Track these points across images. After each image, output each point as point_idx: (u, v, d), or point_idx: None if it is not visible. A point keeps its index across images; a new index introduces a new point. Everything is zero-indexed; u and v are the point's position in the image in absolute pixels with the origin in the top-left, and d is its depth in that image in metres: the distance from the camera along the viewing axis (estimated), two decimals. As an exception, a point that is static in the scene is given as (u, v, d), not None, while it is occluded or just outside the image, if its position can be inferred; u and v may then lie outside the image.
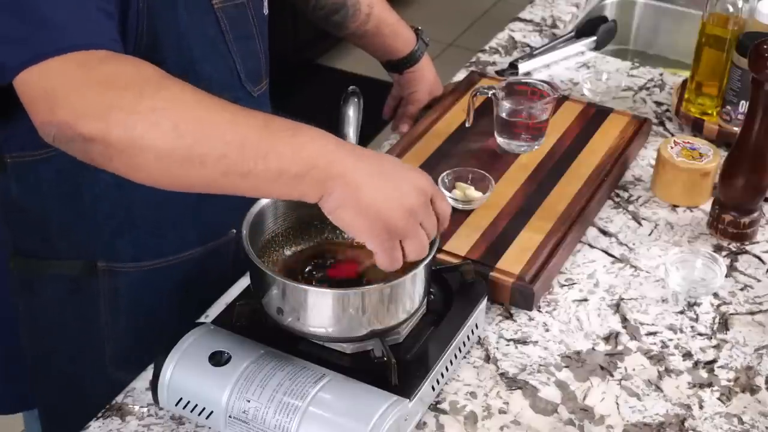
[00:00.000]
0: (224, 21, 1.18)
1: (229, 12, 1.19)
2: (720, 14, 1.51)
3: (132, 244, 1.22)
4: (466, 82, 1.66)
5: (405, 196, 0.95)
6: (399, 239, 0.95)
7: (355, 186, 0.93)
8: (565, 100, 1.61)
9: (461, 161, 1.43)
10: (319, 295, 1.03)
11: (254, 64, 1.26)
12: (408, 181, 0.96)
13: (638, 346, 1.19)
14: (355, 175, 0.93)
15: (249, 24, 1.23)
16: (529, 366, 1.16)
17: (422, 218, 0.96)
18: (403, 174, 0.97)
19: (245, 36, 1.23)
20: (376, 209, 0.93)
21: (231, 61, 1.21)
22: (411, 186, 0.96)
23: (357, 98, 1.26)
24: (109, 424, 1.08)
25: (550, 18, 1.96)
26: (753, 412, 1.11)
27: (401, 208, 0.94)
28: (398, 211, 0.94)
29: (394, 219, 0.94)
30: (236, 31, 1.21)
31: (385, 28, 1.56)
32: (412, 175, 0.98)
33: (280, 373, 1.01)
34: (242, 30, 1.22)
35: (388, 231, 0.94)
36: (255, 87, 1.26)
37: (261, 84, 1.28)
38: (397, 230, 0.95)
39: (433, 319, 1.13)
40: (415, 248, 0.97)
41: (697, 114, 1.58)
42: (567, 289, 1.28)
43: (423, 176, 0.99)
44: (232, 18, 1.20)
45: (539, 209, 1.35)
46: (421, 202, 0.96)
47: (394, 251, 0.96)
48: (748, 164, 1.33)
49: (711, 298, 1.27)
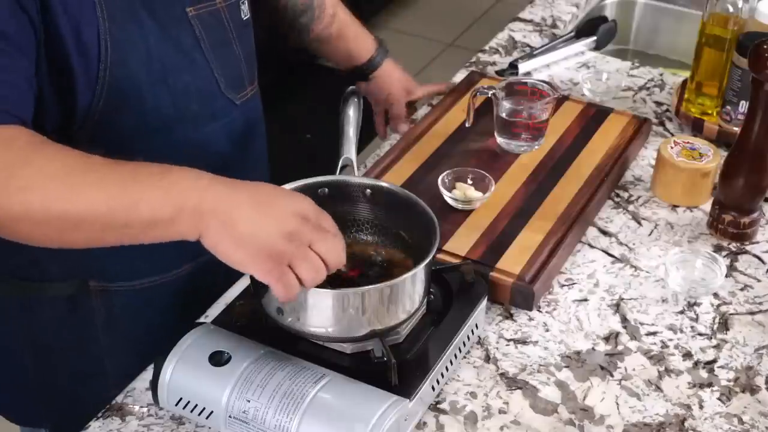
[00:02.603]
0: (199, 29, 1.17)
1: (204, 19, 1.18)
2: (720, 14, 1.51)
3: (123, 264, 1.21)
4: (466, 82, 1.66)
5: (283, 222, 0.94)
6: (286, 265, 0.93)
7: (230, 219, 0.92)
8: (565, 100, 1.61)
9: (461, 161, 1.43)
10: (319, 295, 1.02)
11: (234, 71, 1.24)
12: (285, 207, 0.95)
13: (638, 346, 1.19)
14: (228, 209, 0.93)
15: (225, 30, 1.22)
16: (529, 366, 1.16)
17: (309, 240, 0.94)
18: (280, 201, 0.96)
19: (222, 43, 1.21)
20: (255, 239, 0.92)
21: (209, 71, 1.19)
22: (288, 211, 0.95)
23: (357, 98, 1.27)
24: (109, 424, 1.08)
25: (550, 18, 1.96)
26: (753, 412, 1.11)
27: (280, 234, 0.93)
28: (278, 238, 0.93)
29: (275, 246, 0.92)
30: (212, 38, 1.19)
31: (348, 32, 1.56)
32: (289, 200, 0.97)
33: (280, 373, 1.01)
34: (218, 37, 1.20)
35: (271, 259, 0.93)
36: (237, 95, 1.25)
37: (245, 91, 1.26)
38: (280, 257, 0.93)
39: (433, 319, 1.13)
40: (308, 271, 0.94)
41: (697, 114, 1.58)
42: (567, 289, 1.28)
43: (302, 200, 0.98)
44: (207, 26, 1.18)
45: (539, 209, 1.35)
46: (301, 226, 0.94)
47: (284, 277, 0.93)
48: (748, 164, 1.33)
49: (711, 298, 1.27)
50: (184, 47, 1.15)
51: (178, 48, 1.15)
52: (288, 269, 0.94)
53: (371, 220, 1.18)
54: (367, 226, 1.18)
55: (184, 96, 1.16)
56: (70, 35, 1.04)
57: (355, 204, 1.17)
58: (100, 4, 1.05)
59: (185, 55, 1.16)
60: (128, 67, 1.09)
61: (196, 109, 1.19)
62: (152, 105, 1.13)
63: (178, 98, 1.16)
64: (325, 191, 1.16)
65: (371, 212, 1.17)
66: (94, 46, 1.06)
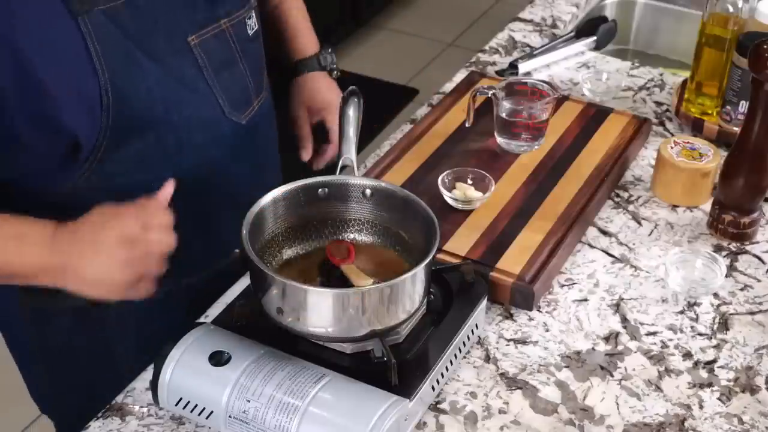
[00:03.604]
0: (201, 56, 1.17)
1: (207, 44, 1.17)
2: (720, 14, 1.51)
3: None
4: (466, 82, 1.66)
5: (114, 255, 1.03)
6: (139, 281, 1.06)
7: (76, 271, 1.04)
8: (565, 100, 1.61)
9: (461, 161, 1.43)
10: (319, 295, 1.03)
11: (239, 90, 1.23)
12: (109, 238, 1.04)
13: (638, 346, 1.19)
14: (71, 263, 1.04)
15: (229, 50, 1.21)
16: (529, 366, 1.16)
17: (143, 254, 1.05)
18: (107, 232, 1.04)
19: (226, 65, 1.20)
20: (101, 280, 1.05)
21: (212, 98, 1.19)
22: (114, 240, 1.04)
23: (357, 98, 1.26)
24: (109, 424, 1.08)
25: (550, 18, 1.96)
26: (753, 412, 1.11)
27: (118, 267, 1.04)
28: (117, 271, 1.04)
29: (121, 278, 1.05)
30: (215, 62, 1.18)
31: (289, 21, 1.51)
32: (110, 227, 1.05)
33: (280, 373, 1.01)
34: (222, 59, 1.20)
35: (123, 286, 1.05)
36: (243, 114, 1.24)
37: (251, 107, 1.26)
38: (129, 281, 1.05)
39: (433, 319, 1.13)
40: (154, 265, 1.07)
41: (697, 114, 1.58)
42: (567, 289, 1.28)
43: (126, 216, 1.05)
44: (209, 50, 1.17)
45: (539, 209, 1.35)
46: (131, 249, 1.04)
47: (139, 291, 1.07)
48: (748, 164, 1.33)
49: (711, 298, 1.27)
50: (186, 79, 1.15)
51: (180, 81, 1.15)
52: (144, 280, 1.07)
53: (371, 220, 1.18)
54: (367, 226, 1.18)
55: (187, 128, 1.17)
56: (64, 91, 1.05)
57: (355, 204, 1.17)
58: (97, 57, 1.06)
59: (187, 87, 1.16)
60: (131, 109, 1.10)
61: (199, 138, 1.19)
62: (155, 140, 1.14)
63: (180, 132, 1.16)
64: (325, 191, 1.16)
65: (371, 212, 1.17)
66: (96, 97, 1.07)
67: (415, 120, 1.62)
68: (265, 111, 1.31)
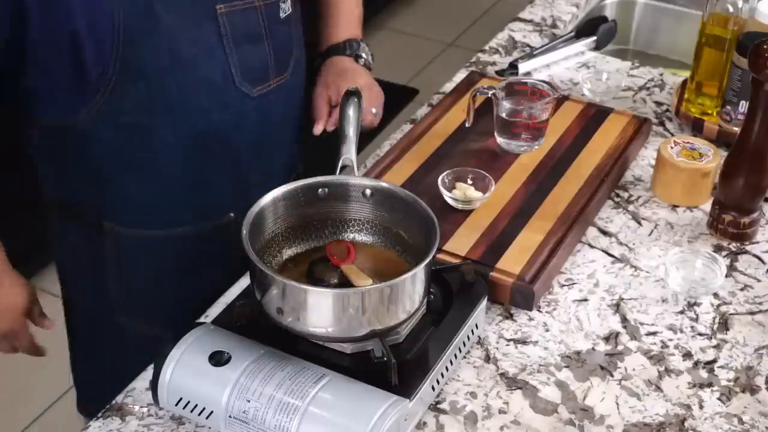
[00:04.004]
0: (225, 26, 1.21)
1: (234, 16, 1.21)
2: (720, 14, 1.51)
3: (133, 210, 1.29)
4: (466, 82, 1.66)
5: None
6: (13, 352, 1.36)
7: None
8: (565, 100, 1.61)
9: (461, 161, 1.43)
10: (319, 295, 1.03)
11: (258, 65, 1.27)
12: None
13: (638, 346, 1.19)
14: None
15: (257, 27, 1.25)
16: (529, 366, 1.16)
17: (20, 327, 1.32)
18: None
19: (251, 39, 1.25)
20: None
21: (226, 65, 1.23)
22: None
23: (357, 98, 1.27)
24: (109, 424, 1.08)
25: (550, 18, 1.96)
26: (753, 412, 1.11)
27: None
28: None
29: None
30: (238, 34, 1.23)
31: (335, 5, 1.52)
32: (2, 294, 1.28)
33: (280, 373, 1.01)
34: (248, 33, 1.24)
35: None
36: (255, 87, 1.28)
37: (266, 84, 1.30)
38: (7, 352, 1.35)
39: (433, 319, 1.13)
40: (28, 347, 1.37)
41: (697, 114, 1.58)
42: (567, 289, 1.28)
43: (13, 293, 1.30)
44: (235, 23, 1.22)
45: (539, 209, 1.35)
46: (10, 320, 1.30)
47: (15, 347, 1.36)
48: (748, 164, 1.33)
49: (711, 298, 1.27)
50: (202, 42, 1.20)
51: (195, 43, 1.19)
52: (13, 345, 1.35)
53: (371, 220, 1.18)
54: (367, 226, 1.18)
55: (193, 87, 1.21)
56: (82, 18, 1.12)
57: (355, 204, 1.17)
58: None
59: (201, 50, 1.20)
60: (136, 53, 1.15)
61: (204, 101, 1.23)
62: (157, 91, 1.19)
63: (184, 89, 1.21)
64: (325, 191, 1.16)
65: (371, 212, 1.17)
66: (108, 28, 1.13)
67: (415, 120, 1.62)
68: (284, 92, 1.34)
